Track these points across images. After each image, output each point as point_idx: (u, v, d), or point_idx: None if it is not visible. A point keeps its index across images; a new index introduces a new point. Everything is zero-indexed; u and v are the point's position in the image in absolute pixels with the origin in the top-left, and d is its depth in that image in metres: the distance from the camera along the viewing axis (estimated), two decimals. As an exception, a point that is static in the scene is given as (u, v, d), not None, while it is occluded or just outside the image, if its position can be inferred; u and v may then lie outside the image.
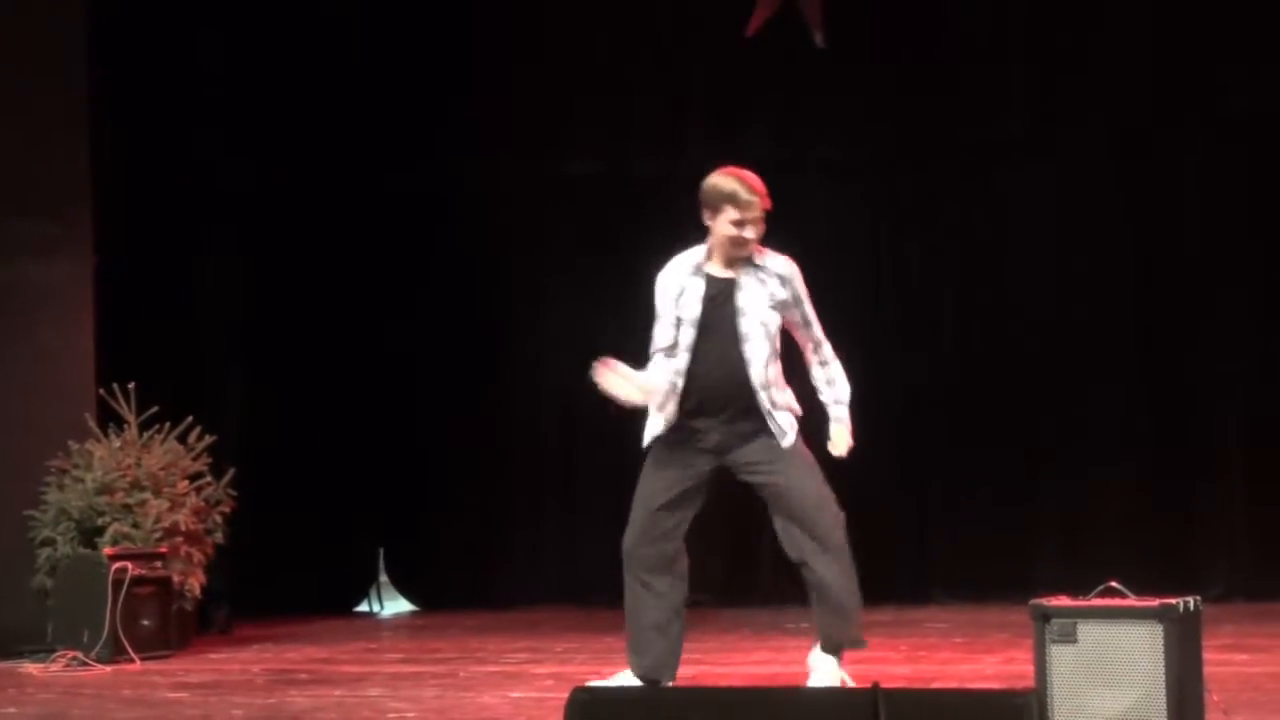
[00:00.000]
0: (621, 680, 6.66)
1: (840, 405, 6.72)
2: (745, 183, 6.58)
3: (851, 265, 11.06)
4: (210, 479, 9.75)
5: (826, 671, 6.58)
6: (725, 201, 6.56)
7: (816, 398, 6.81)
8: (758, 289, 6.61)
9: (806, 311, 6.71)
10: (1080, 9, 10.84)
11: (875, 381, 10.50)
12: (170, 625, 9.27)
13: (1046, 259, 10.94)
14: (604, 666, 7.62)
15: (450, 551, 11.77)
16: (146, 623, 9.12)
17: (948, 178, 11.19)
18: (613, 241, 11.38)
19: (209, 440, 9.78)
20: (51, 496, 9.46)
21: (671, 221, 10.73)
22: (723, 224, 6.57)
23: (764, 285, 6.62)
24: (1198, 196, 10.73)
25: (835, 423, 6.70)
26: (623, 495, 6.86)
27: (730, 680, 7.39)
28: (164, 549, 9.30)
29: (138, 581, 9.06)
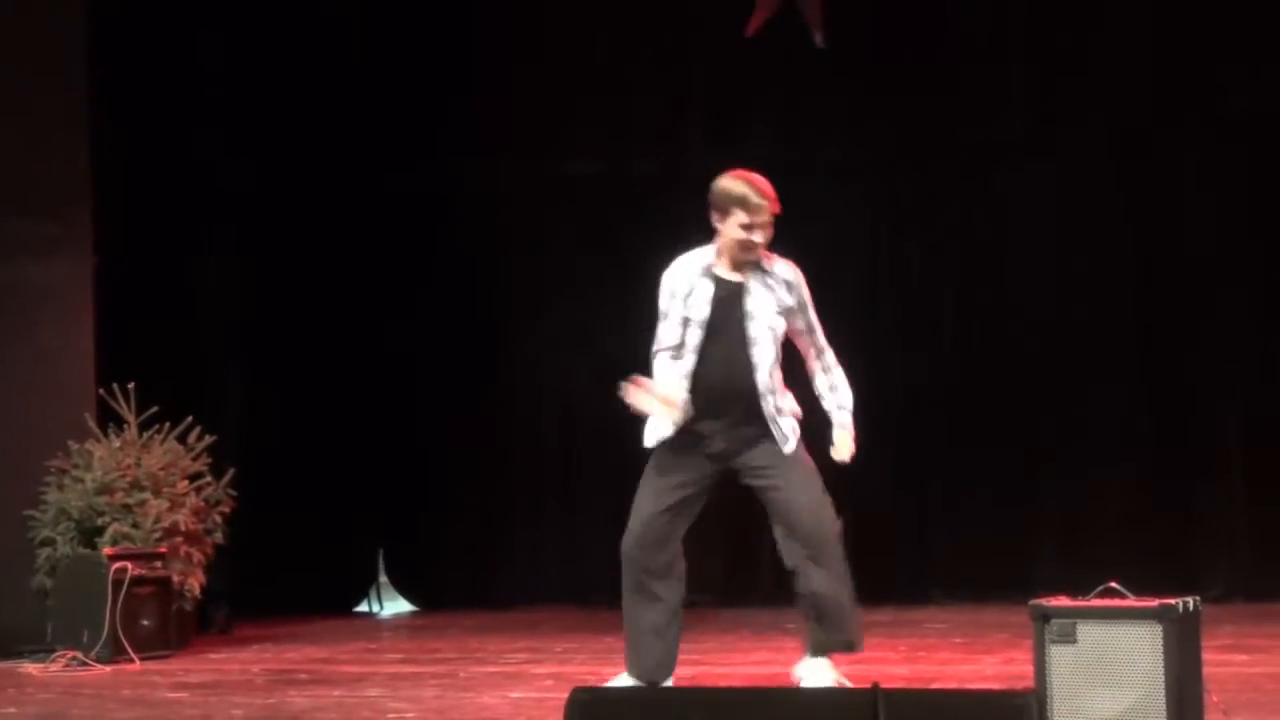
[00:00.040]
0: (620, 683, 6.65)
1: (844, 411, 6.71)
2: (755, 186, 6.53)
3: (851, 265, 11.06)
4: (210, 479, 9.75)
5: (819, 675, 6.56)
6: (734, 205, 6.51)
7: (816, 403, 6.80)
8: (766, 294, 6.59)
9: (811, 318, 6.70)
10: (1080, 9, 10.84)
11: (875, 382, 10.48)
12: (170, 625, 9.27)
13: (1046, 259, 10.94)
14: (604, 667, 7.62)
15: (450, 552, 11.77)
16: (146, 623, 9.12)
17: (948, 178, 11.18)
18: (613, 241, 11.39)
19: (209, 440, 9.78)
20: (51, 496, 9.46)
21: (671, 221, 10.78)
22: (731, 227, 6.52)
23: (771, 291, 6.60)
24: (1198, 196, 10.73)
25: (839, 428, 6.68)
26: (623, 495, 6.85)
27: (730, 680, 7.39)
28: (164, 549, 9.30)
29: (137, 581, 9.06)
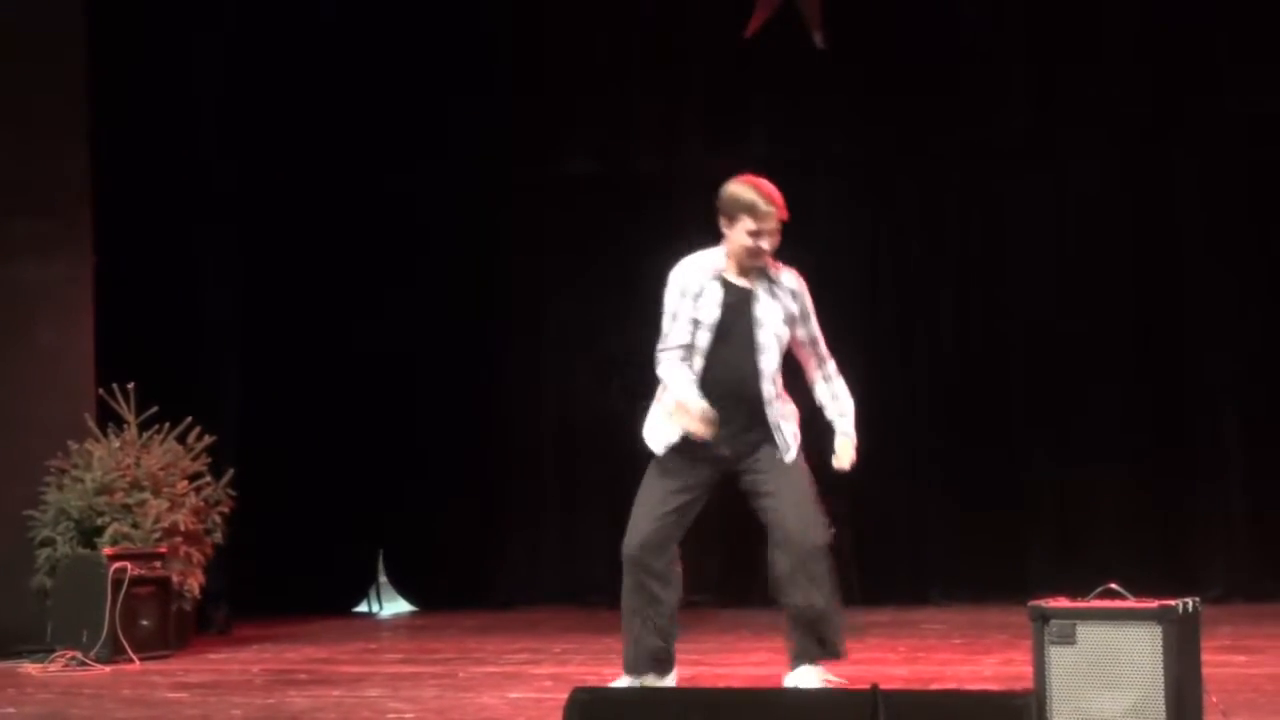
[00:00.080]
0: (623, 684, 6.65)
1: (846, 419, 6.68)
2: (763, 193, 6.50)
3: (850, 265, 11.05)
4: (210, 479, 9.75)
5: (809, 682, 6.54)
6: (742, 211, 6.48)
7: (815, 412, 6.78)
8: (773, 302, 6.58)
9: (814, 327, 6.69)
10: (1080, 9, 10.83)
11: (874, 381, 10.47)
12: (169, 625, 9.26)
13: (1046, 259, 10.93)
14: (603, 667, 7.62)
15: (449, 552, 11.76)
16: (146, 623, 9.11)
17: (947, 177, 11.18)
18: (612, 241, 11.38)
19: (208, 440, 9.78)
20: (51, 496, 9.46)
21: (671, 221, 10.81)
22: (739, 233, 6.50)
23: (778, 299, 6.59)
24: (1198, 197, 10.72)
25: (842, 436, 6.65)
26: (622, 496, 6.85)
27: (729, 681, 7.38)
28: (163, 549, 9.29)
29: (137, 581, 9.05)
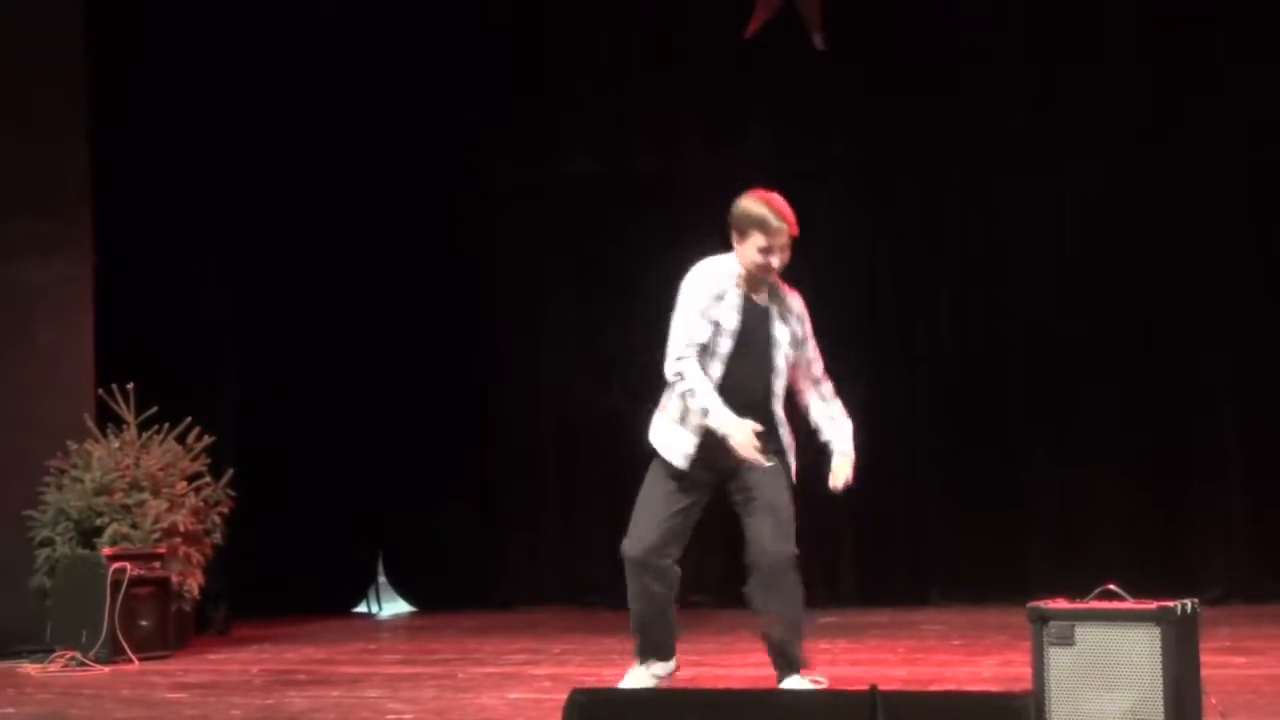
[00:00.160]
0: (632, 679, 6.65)
1: (846, 439, 6.64)
2: (775, 209, 6.44)
3: (851, 265, 11.05)
4: (209, 479, 9.75)
5: (799, 687, 6.53)
6: (753, 227, 6.43)
7: (809, 433, 6.75)
8: (784, 326, 6.56)
9: (811, 350, 6.66)
10: (1080, 9, 10.83)
11: (874, 382, 10.50)
12: (169, 626, 9.27)
13: (1046, 259, 10.93)
14: (602, 668, 7.62)
15: (449, 552, 11.76)
16: (145, 623, 9.12)
17: (947, 177, 11.18)
18: (612, 241, 11.39)
19: (208, 441, 9.78)
20: (50, 497, 9.46)
21: (671, 221, 10.83)
22: (749, 249, 6.45)
23: (787, 323, 6.58)
24: (1197, 197, 10.72)
25: (841, 456, 6.60)
26: (621, 497, 6.84)
27: (728, 682, 7.38)
28: (163, 549, 9.30)
29: (136, 582, 9.06)
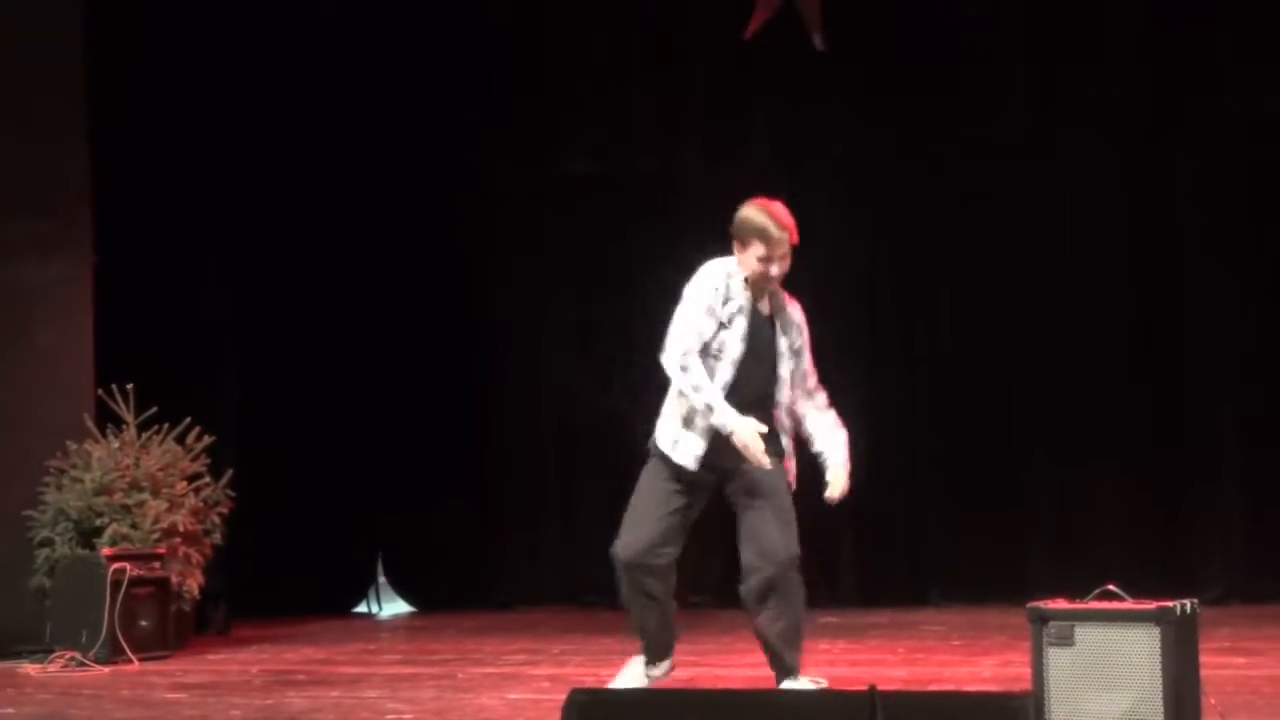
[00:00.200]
0: (628, 674, 6.65)
1: (841, 450, 6.63)
2: (775, 219, 6.44)
3: (851, 266, 11.05)
4: (209, 480, 9.75)
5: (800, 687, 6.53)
6: (754, 236, 6.43)
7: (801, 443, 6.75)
8: (784, 337, 6.55)
9: (807, 362, 6.66)
10: (1080, 9, 10.84)
11: (874, 383, 10.51)
12: (168, 626, 9.26)
13: (1046, 259, 10.93)
14: (602, 668, 7.61)
15: (448, 553, 11.76)
16: (144, 623, 9.11)
17: (947, 178, 11.18)
18: (612, 241, 11.39)
19: (207, 441, 9.78)
20: (50, 497, 9.45)
21: (671, 222, 10.83)
22: (749, 258, 6.45)
23: (787, 333, 6.57)
24: (1197, 197, 10.73)
25: (839, 467, 6.59)
26: (622, 497, 6.83)
27: (727, 682, 7.39)
28: (162, 550, 9.29)
29: (136, 582, 9.05)
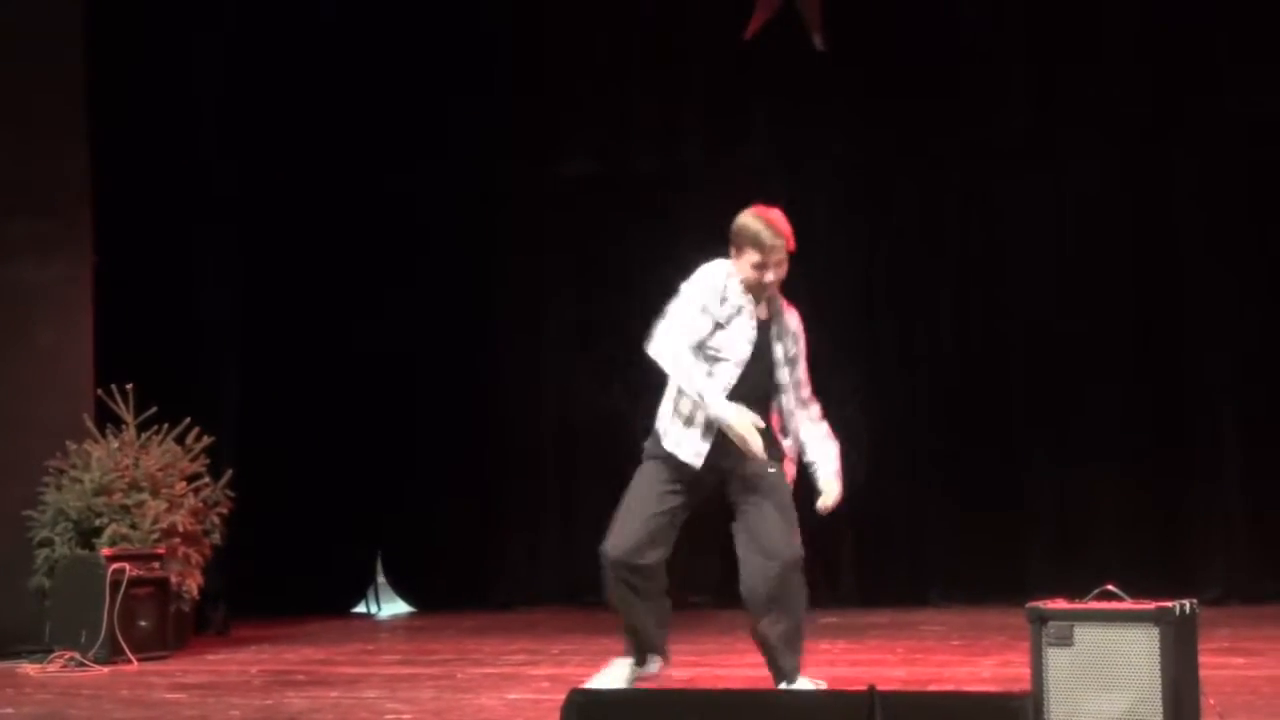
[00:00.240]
0: (609, 674, 6.64)
1: (834, 461, 6.60)
2: (772, 226, 6.42)
3: (850, 266, 11.06)
4: (208, 480, 9.75)
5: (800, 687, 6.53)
6: (749, 243, 6.41)
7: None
8: (779, 344, 6.53)
9: (802, 370, 6.64)
10: (1080, 9, 10.84)
11: (873, 383, 10.51)
12: (168, 626, 9.27)
13: (1046, 259, 10.94)
14: (601, 668, 7.60)
15: (448, 553, 11.77)
16: (144, 623, 9.12)
17: (947, 178, 11.18)
18: (612, 241, 11.39)
19: (207, 441, 9.78)
20: (49, 497, 9.46)
21: (670, 222, 10.83)
22: (745, 264, 6.43)
23: (782, 340, 6.56)
24: (1197, 197, 10.73)
25: (834, 477, 6.57)
26: (620, 497, 6.84)
27: (727, 682, 7.39)
28: (162, 550, 9.29)
29: (135, 582, 9.05)
